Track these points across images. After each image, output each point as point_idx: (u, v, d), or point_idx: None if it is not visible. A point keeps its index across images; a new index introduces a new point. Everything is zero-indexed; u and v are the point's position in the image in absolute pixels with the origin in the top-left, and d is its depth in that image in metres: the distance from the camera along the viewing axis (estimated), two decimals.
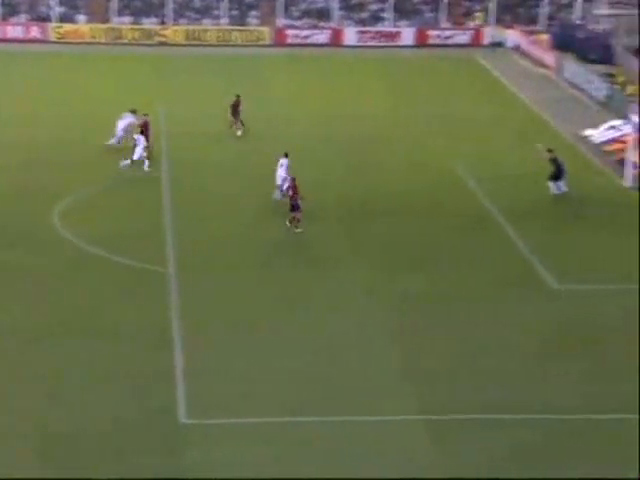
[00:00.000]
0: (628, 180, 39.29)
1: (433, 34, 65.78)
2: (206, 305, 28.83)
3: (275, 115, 46.54)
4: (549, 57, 59.68)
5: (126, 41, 64.02)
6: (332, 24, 66.77)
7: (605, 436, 22.86)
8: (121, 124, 41.56)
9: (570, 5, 66.69)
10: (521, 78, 56.76)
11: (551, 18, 66.60)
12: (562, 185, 37.83)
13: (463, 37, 65.69)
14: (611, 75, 53.28)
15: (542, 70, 58.84)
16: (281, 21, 66.75)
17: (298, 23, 67.21)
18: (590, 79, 53.64)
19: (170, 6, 66.00)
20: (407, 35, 65.72)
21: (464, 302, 29.34)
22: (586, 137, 45.43)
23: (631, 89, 50.58)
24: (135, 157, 39.17)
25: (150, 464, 21.37)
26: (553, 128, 46.99)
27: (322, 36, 65.79)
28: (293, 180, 34.38)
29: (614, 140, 44.37)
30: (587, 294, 30.03)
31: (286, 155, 36.67)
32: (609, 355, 26.51)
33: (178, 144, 42.56)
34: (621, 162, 40.87)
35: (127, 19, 66.41)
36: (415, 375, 25.31)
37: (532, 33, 64.35)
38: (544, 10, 66.81)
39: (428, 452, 22.16)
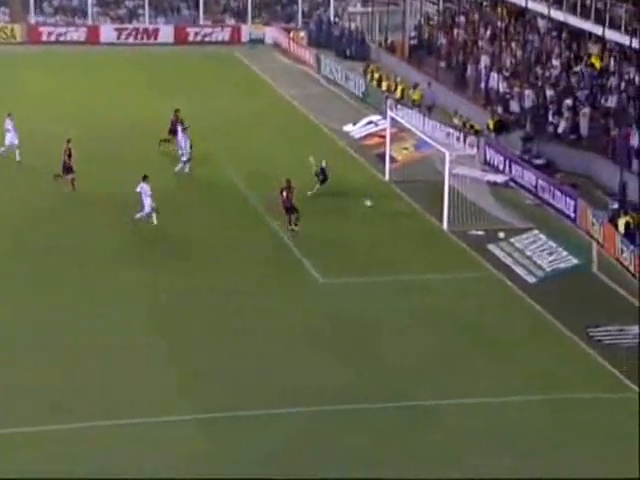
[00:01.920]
0: (387, 174, 40.36)
1: (192, 31, 65.73)
2: None
3: (31, 115, 45.27)
4: (307, 54, 60.73)
5: None
6: (88, 21, 65.60)
7: (366, 424, 23.29)
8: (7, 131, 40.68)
9: (326, 3, 67.93)
10: (281, 74, 57.40)
11: (308, 16, 67.78)
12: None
13: (222, 34, 65.97)
14: (370, 72, 54.67)
15: (301, 67, 59.71)
16: (33, 18, 65.02)
17: (52, 20, 65.58)
18: (347, 75, 54.85)
19: None
20: (166, 32, 65.41)
21: (235, 297, 29.65)
22: (346, 132, 46.41)
23: (386, 85, 52.06)
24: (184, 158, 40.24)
25: None
26: (314, 123, 47.71)
27: (78, 33, 64.56)
28: (288, 182, 34.11)
29: (372, 135, 45.70)
30: (349, 287, 30.71)
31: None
32: (368, 344, 27.20)
33: None
34: (380, 156, 41.92)
35: None
36: (190, 374, 25.33)
37: (290, 30, 65.37)
38: (300, 8, 67.93)
39: (204, 451, 22.20)
